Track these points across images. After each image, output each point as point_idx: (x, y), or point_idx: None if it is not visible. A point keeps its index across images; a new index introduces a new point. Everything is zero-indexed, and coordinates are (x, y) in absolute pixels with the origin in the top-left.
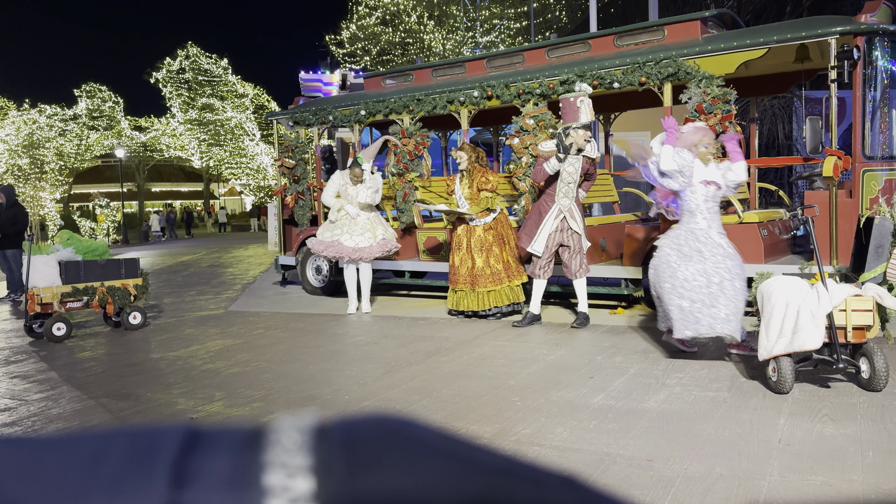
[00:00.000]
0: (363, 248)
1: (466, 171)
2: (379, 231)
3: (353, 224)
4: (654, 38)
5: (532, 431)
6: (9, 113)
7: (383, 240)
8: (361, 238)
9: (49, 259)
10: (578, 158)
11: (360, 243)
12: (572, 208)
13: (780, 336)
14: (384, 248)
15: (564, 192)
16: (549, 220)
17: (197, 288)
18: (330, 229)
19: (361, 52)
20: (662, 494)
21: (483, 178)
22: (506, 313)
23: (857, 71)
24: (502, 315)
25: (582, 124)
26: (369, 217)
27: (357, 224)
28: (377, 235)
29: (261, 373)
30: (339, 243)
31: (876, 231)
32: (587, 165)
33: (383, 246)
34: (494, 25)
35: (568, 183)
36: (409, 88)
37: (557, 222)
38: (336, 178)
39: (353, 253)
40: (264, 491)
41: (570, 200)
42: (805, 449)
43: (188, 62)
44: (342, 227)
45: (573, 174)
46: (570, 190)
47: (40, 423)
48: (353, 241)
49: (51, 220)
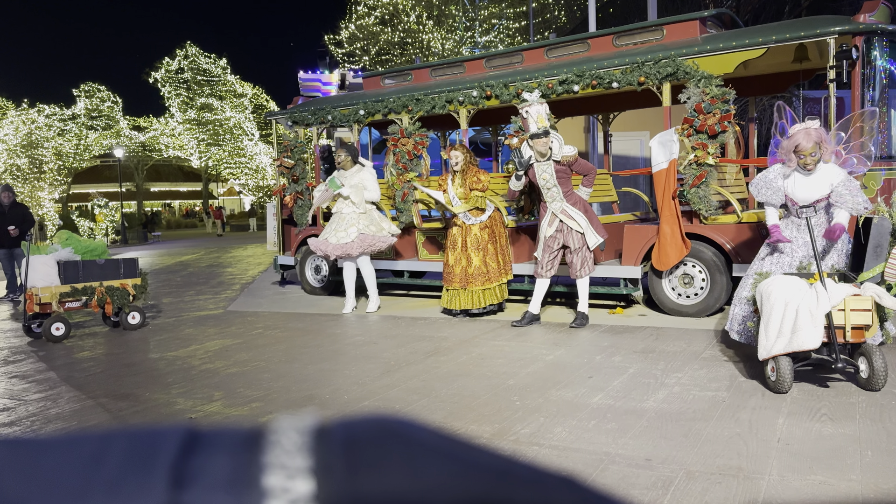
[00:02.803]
0: (345, 243)
1: (460, 170)
2: (362, 225)
3: (339, 220)
4: (652, 37)
5: (531, 431)
6: (7, 112)
7: (361, 235)
8: (344, 234)
9: (48, 259)
10: (549, 163)
11: (341, 239)
12: (566, 209)
13: (779, 336)
14: (364, 243)
15: (551, 196)
16: (544, 227)
17: (196, 288)
18: (339, 229)
19: (360, 52)
20: (661, 494)
21: (475, 178)
22: (494, 311)
23: (856, 71)
24: (493, 313)
25: (533, 134)
26: (355, 211)
27: (343, 220)
28: (359, 229)
29: (260, 372)
30: (325, 241)
31: (874, 231)
32: (562, 167)
33: (363, 241)
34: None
35: (548, 189)
36: (408, 88)
37: (554, 227)
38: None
39: (338, 250)
40: (263, 491)
41: (561, 202)
42: (804, 448)
43: (187, 62)
44: (332, 225)
45: (549, 180)
46: (555, 194)
47: (39, 423)
48: (337, 237)
49: (49, 219)
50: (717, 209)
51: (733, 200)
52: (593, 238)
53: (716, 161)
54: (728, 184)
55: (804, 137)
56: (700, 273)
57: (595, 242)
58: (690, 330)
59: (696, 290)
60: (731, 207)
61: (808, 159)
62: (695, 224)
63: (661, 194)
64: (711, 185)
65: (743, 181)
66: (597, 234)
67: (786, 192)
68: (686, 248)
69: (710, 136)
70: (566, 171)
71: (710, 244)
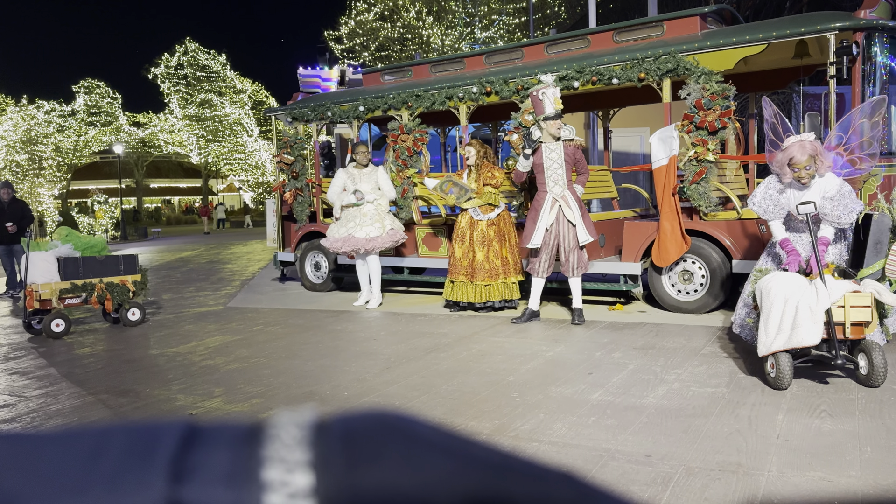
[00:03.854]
0: (374, 237)
1: (475, 165)
2: (387, 221)
3: (361, 216)
4: (653, 33)
5: (531, 427)
6: (7, 109)
7: (392, 230)
8: (371, 228)
9: (48, 255)
10: (558, 144)
11: (370, 233)
12: (566, 195)
13: (779, 332)
14: (393, 239)
15: (554, 180)
16: (544, 213)
17: (196, 284)
18: (341, 225)
19: (360, 48)
20: (661, 490)
21: (489, 174)
22: (497, 308)
23: (857, 67)
24: (494, 310)
25: (547, 116)
26: (376, 207)
27: (366, 215)
28: (385, 226)
29: (260, 369)
30: (352, 237)
31: (874, 227)
32: (571, 150)
33: (392, 236)
34: (493, 21)
35: (555, 170)
36: (408, 84)
37: (553, 213)
38: (341, 175)
39: (367, 244)
40: (263, 486)
41: (563, 188)
42: (803, 444)
43: (186, 58)
44: (353, 220)
45: (557, 160)
46: (559, 176)
47: (39, 420)
48: (364, 231)
49: (49, 216)
50: (716, 206)
51: (733, 197)
52: (584, 235)
53: (716, 157)
54: (728, 180)
55: (798, 150)
56: (700, 269)
57: (585, 240)
58: (690, 326)
59: (696, 286)
60: (730, 204)
61: (802, 173)
62: (695, 220)
63: (661, 191)
64: (711, 182)
65: (743, 178)
66: (587, 233)
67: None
68: (686, 245)
69: (710, 133)
70: (571, 158)
71: (710, 241)
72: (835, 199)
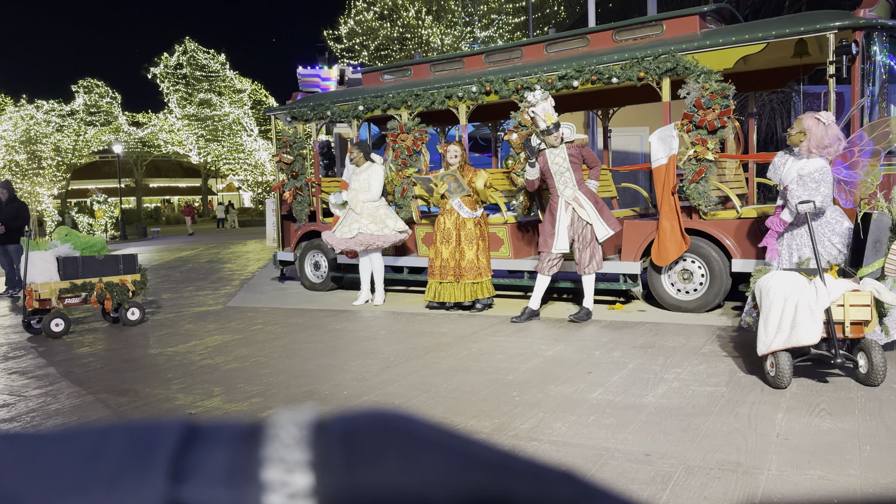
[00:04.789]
0: (348, 239)
1: (458, 167)
2: (390, 221)
3: (349, 217)
4: (652, 32)
5: (530, 426)
6: (6, 108)
7: (360, 234)
8: (348, 230)
9: (47, 255)
10: (562, 147)
11: (345, 234)
12: (577, 197)
13: (779, 331)
14: (399, 237)
15: (564, 183)
16: (561, 216)
17: (195, 283)
18: (345, 224)
19: (359, 47)
20: (661, 489)
21: (471, 178)
22: (487, 305)
23: (856, 66)
24: (482, 308)
25: (541, 131)
26: (376, 206)
27: (349, 216)
28: (359, 229)
29: (259, 368)
30: (333, 234)
31: (874, 226)
32: (575, 149)
33: (361, 240)
34: (493, 20)
35: (562, 173)
36: (408, 83)
37: (568, 215)
38: (346, 172)
39: (341, 244)
40: (263, 486)
41: (573, 189)
42: (803, 443)
43: (186, 57)
44: (346, 220)
45: (562, 164)
46: (568, 179)
47: (39, 419)
48: (341, 232)
49: (48, 215)
50: (716, 205)
51: (733, 196)
52: (602, 230)
53: (715, 156)
54: (727, 179)
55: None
56: (699, 269)
57: (605, 235)
58: (690, 325)
59: (696, 285)
60: (730, 203)
61: (791, 132)
62: (694, 220)
63: (660, 190)
64: (711, 181)
65: (742, 177)
66: (606, 227)
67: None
68: (685, 244)
69: (710, 132)
70: (578, 157)
71: (710, 240)
72: (804, 178)
